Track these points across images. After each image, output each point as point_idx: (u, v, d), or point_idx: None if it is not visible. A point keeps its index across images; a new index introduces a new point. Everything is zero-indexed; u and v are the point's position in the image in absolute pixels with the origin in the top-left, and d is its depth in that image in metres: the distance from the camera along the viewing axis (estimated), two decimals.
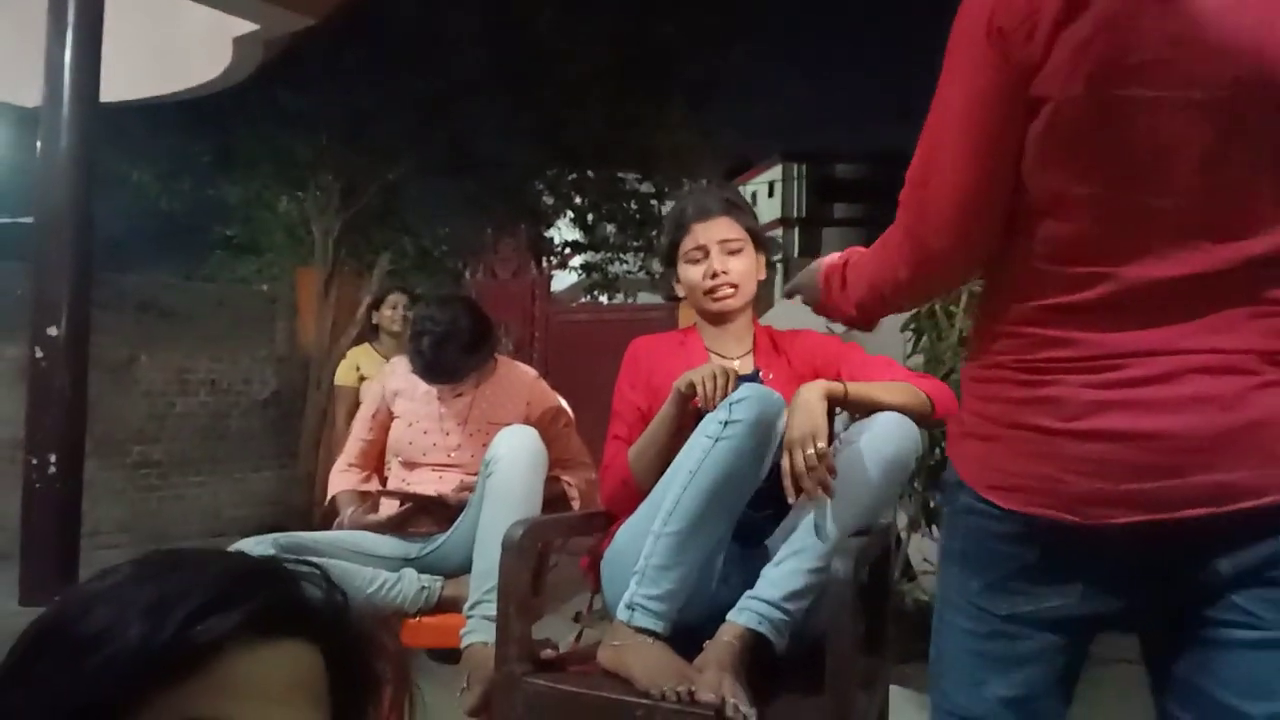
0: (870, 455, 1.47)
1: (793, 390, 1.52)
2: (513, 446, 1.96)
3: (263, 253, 8.07)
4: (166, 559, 0.53)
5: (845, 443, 1.51)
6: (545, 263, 7.37)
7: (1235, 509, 0.84)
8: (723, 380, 1.56)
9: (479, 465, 2.04)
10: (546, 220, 8.59)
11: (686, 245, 1.76)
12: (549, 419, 2.29)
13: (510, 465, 1.94)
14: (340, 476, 2.35)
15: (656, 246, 5.18)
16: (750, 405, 1.47)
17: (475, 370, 2.24)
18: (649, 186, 8.63)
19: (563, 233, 8.86)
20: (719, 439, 1.47)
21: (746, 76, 9.31)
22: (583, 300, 8.60)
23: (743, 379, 1.66)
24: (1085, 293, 0.88)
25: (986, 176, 0.91)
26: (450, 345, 2.13)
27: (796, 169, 27.39)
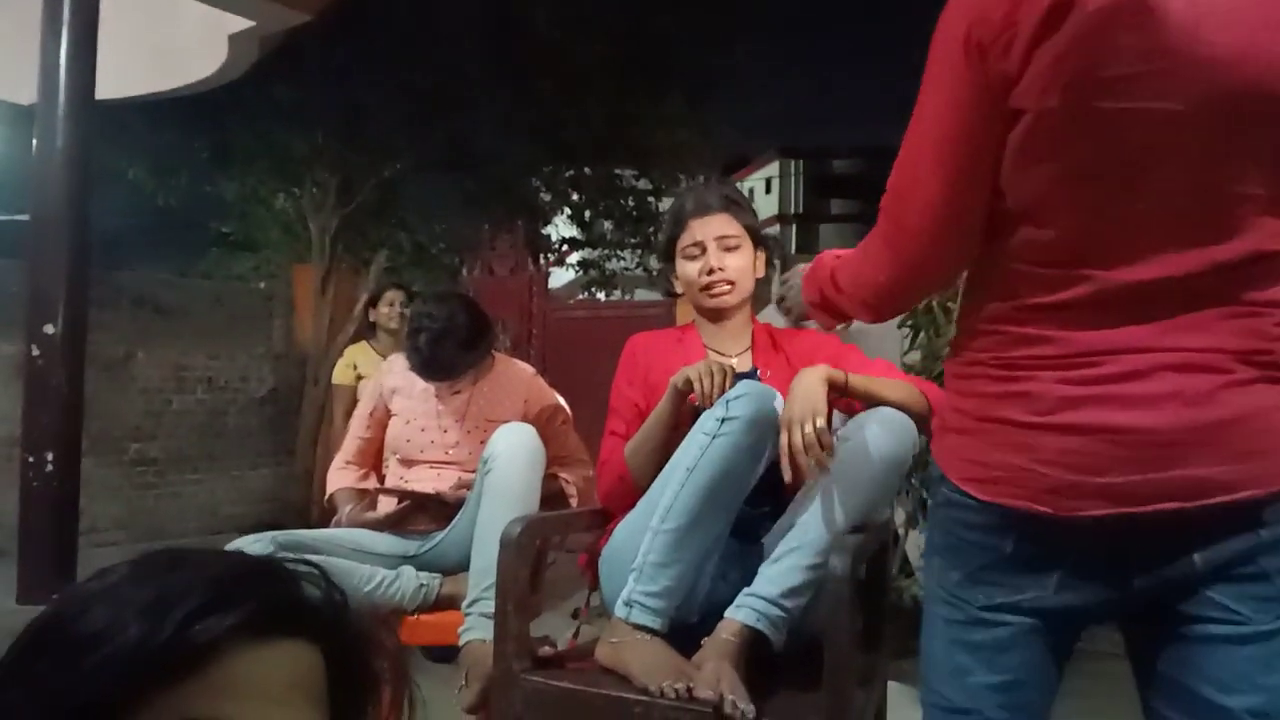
0: (868, 451, 1.47)
1: None
2: (510, 444, 1.96)
3: (259, 249, 8.04)
4: (165, 559, 0.53)
5: (843, 439, 1.51)
6: (543, 259, 7.35)
7: (1206, 504, 0.85)
8: (720, 377, 1.56)
9: (477, 463, 2.04)
10: (544, 217, 8.56)
11: (684, 241, 1.76)
12: (547, 416, 2.29)
13: (508, 463, 1.93)
14: (338, 474, 2.35)
15: (654, 243, 5.18)
16: (747, 402, 1.47)
17: (473, 367, 2.24)
18: (647, 183, 8.60)
19: (560, 229, 8.84)
20: (716, 436, 1.47)
21: (745, 73, 9.26)
22: (580, 297, 8.58)
23: (740, 376, 1.66)
24: (1062, 293, 0.90)
25: (964, 186, 0.93)
26: (447, 342, 2.12)
27: (794, 165, 27.43)
